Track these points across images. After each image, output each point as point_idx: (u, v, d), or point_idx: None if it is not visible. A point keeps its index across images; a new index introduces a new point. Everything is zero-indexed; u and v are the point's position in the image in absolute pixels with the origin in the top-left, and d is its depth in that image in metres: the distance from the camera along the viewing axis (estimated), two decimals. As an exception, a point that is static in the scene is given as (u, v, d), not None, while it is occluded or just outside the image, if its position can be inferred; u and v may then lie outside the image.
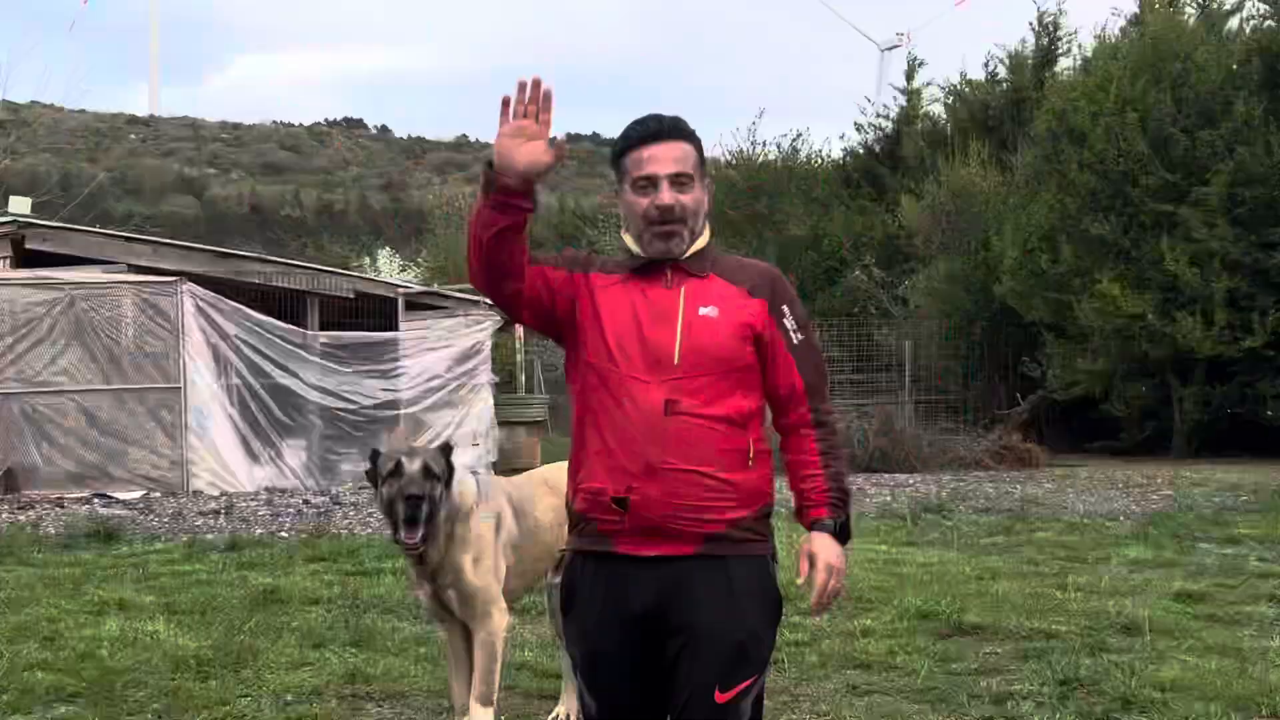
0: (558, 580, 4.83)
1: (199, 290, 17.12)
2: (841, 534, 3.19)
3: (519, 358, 25.30)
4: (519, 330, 22.96)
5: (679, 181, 3.13)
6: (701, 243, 3.23)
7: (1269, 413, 21.24)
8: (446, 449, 5.25)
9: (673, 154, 3.16)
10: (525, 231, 3.16)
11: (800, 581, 3.17)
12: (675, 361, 3.09)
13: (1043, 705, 5.85)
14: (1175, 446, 21.99)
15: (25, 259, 17.44)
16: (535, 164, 3.02)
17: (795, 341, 3.24)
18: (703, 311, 3.13)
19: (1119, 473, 18.31)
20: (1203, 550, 10.33)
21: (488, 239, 3.09)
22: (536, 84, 3.02)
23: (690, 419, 3.06)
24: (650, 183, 3.13)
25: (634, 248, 3.24)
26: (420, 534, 5.03)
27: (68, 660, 6.83)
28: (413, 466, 5.06)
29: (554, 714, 5.77)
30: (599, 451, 3.14)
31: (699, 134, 3.29)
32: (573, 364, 3.28)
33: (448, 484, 5.12)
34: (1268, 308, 20.54)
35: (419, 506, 5.00)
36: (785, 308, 3.25)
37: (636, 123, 3.24)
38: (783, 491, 3.29)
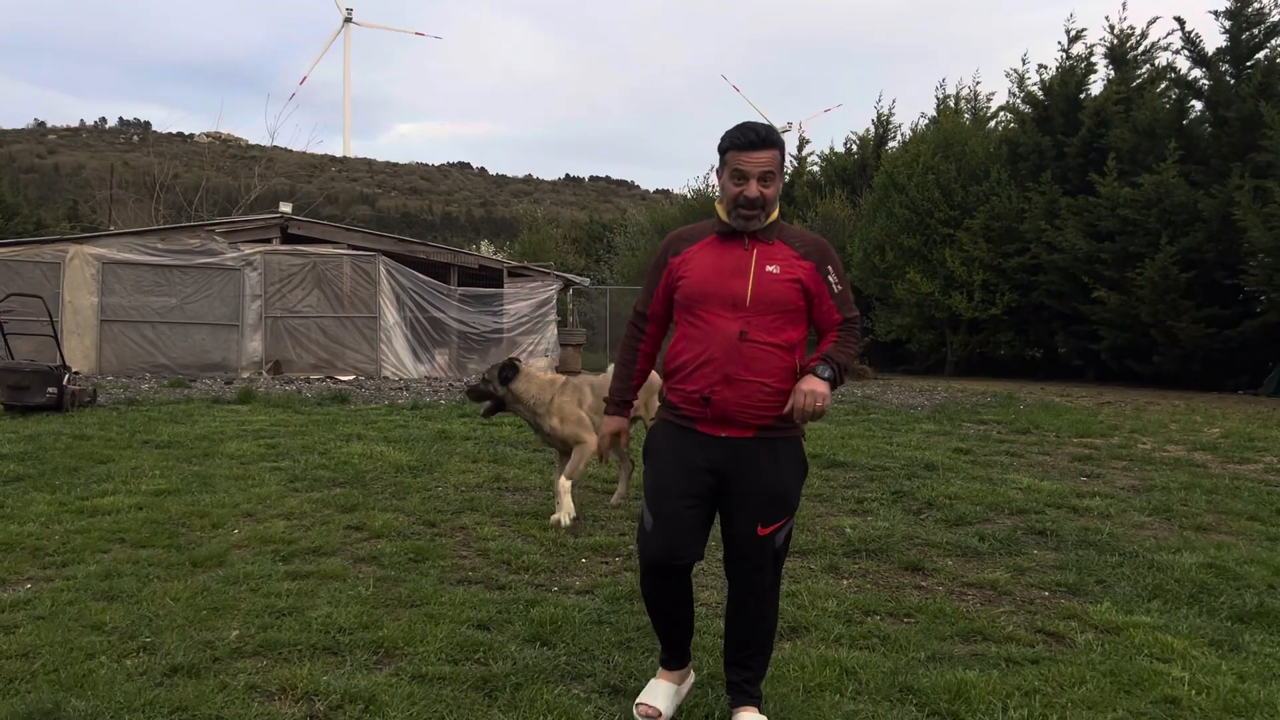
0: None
1: (388, 260, 17.04)
2: (830, 380, 2.69)
3: (570, 306, 25.36)
4: (570, 291, 23.04)
5: (764, 178, 2.70)
6: (772, 217, 2.76)
7: (1001, 351, 21.56)
8: (505, 366, 5.46)
9: (764, 158, 2.69)
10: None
11: (786, 408, 2.70)
12: (747, 304, 2.70)
13: (883, 504, 6.01)
14: (947, 369, 22.24)
15: (287, 238, 17.41)
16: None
17: (836, 290, 2.78)
18: (769, 269, 2.72)
19: (916, 384, 18.46)
20: (966, 426, 10.46)
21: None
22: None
23: (756, 345, 2.69)
24: (744, 177, 2.70)
25: (723, 216, 2.79)
26: (483, 409, 5.64)
27: (335, 464, 6.95)
28: (477, 378, 5.60)
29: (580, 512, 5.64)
30: (692, 363, 2.76)
31: (784, 140, 2.79)
32: (677, 306, 2.85)
33: (503, 381, 5.42)
34: (1004, 291, 20.63)
35: (473, 394, 5.60)
36: (829, 267, 2.78)
37: (743, 130, 2.74)
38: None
